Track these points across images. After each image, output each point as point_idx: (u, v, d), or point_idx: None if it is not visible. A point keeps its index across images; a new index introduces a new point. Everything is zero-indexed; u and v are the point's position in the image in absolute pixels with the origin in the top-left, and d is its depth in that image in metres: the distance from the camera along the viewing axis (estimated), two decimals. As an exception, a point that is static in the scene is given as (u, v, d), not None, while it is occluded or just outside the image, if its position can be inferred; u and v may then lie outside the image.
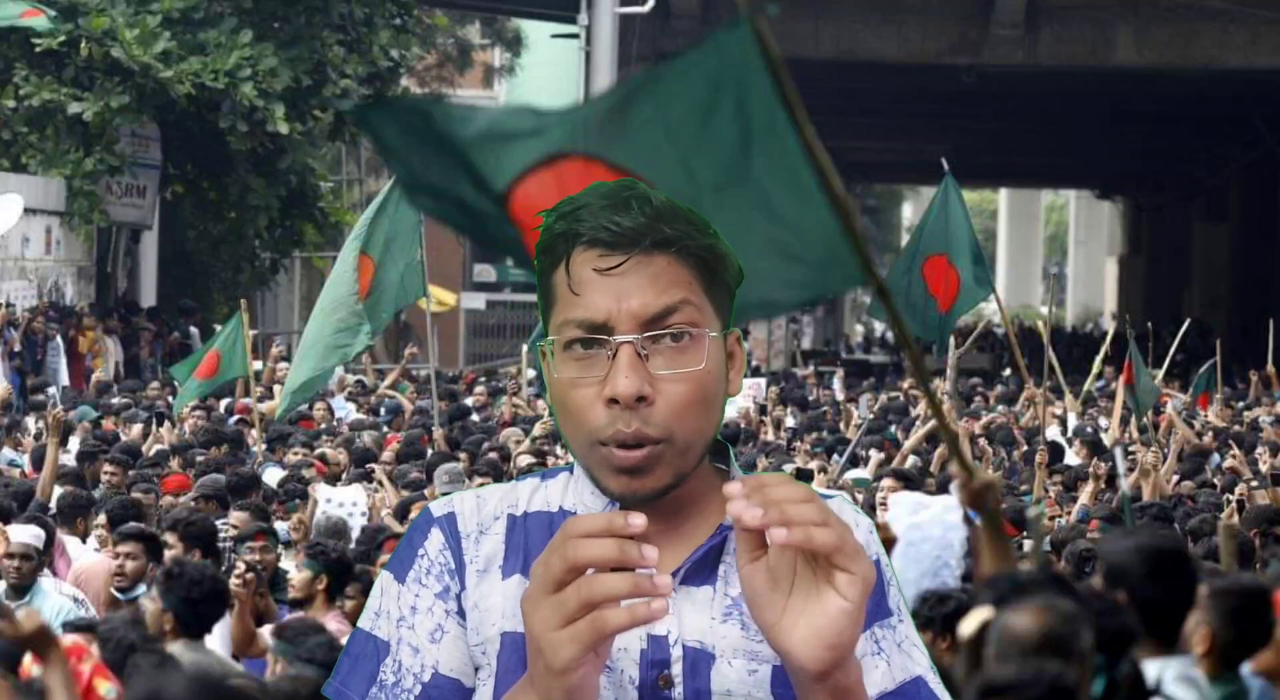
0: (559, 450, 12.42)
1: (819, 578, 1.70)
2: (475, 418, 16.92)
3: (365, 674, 1.95)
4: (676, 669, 1.91)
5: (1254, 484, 11.59)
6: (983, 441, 14.46)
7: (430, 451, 12.77)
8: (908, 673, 1.98)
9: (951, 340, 13.09)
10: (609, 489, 1.92)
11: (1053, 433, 15.11)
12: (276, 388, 15.32)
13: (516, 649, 1.91)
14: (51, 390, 18.60)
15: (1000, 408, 19.52)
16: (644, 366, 1.88)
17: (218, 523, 8.49)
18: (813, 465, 12.01)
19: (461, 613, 1.95)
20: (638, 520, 1.65)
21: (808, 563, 1.71)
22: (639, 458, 1.88)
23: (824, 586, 1.70)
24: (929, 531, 7.05)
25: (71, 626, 6.18)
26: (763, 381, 20.49)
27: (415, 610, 1.95)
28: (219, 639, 6.71)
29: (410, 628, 1.95)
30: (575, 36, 26.94)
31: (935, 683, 2.00)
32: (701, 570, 1.94)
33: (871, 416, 17.50)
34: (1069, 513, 10.93)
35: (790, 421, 17.96)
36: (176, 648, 5.92)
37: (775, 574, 1.71)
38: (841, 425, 16.81)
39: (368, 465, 11.97)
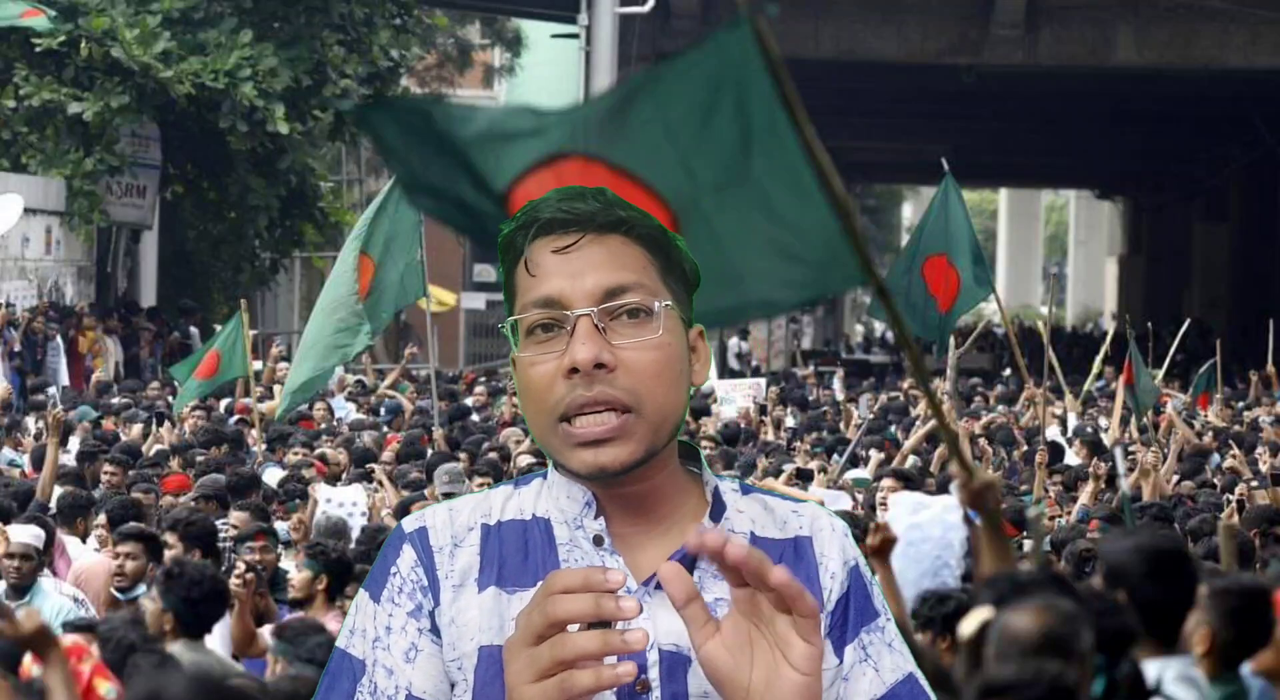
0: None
1: (776, 654, 1.72)
2: (475, 418, 16.93)
3: (342, 693, 1.95)
4: (654, 673, 1.90)
5: (1254, 484, 11.59)
6: (983, 441, 14.46)
7: (430, 451, 12.77)
8: (899, 671, 1.97)
9: (951, 340, 13.07)
10: (575, 469, 1.92)
11: (1053, 433, 15.11)
12: (276, 388, 15.32)
13: (494, 663, 1.90)
14: (51, 390, 18.61)
15: (1000, 408, 19.52)
16: (603, 337, 1.90)
17: (218, 523, 8.49)
18: (813, 465, 12.01)
19: (435, 630, 1.94)
20: (616, 577, 1.66)
21: (763, 635, 1.72)
22: (605, 429, 1.89)
23: (782, 664, 1.72)
24: (929, 531, 7.05)
25: (71, 626, 6.18)
26: (763, 381, 20.50)
27: (390, 630, 1.94)
28: (219, 639, 6.71)
29: (385, 648, 1.94)
30: (575, 36, 26.94)
31: (922, 677, 2.00)
32: None
33: (871, 416, 17.50)
34: (1069, 513, 10.93)
35: (790, 421, 17.95)
36: (176, 648, 5.92)
37: (734, 651, 1.72)
38: (841, 425, 16.80)
39: (368, 465, 11.97)
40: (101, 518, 8.95)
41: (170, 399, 16.00)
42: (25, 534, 7.69)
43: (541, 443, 1.95)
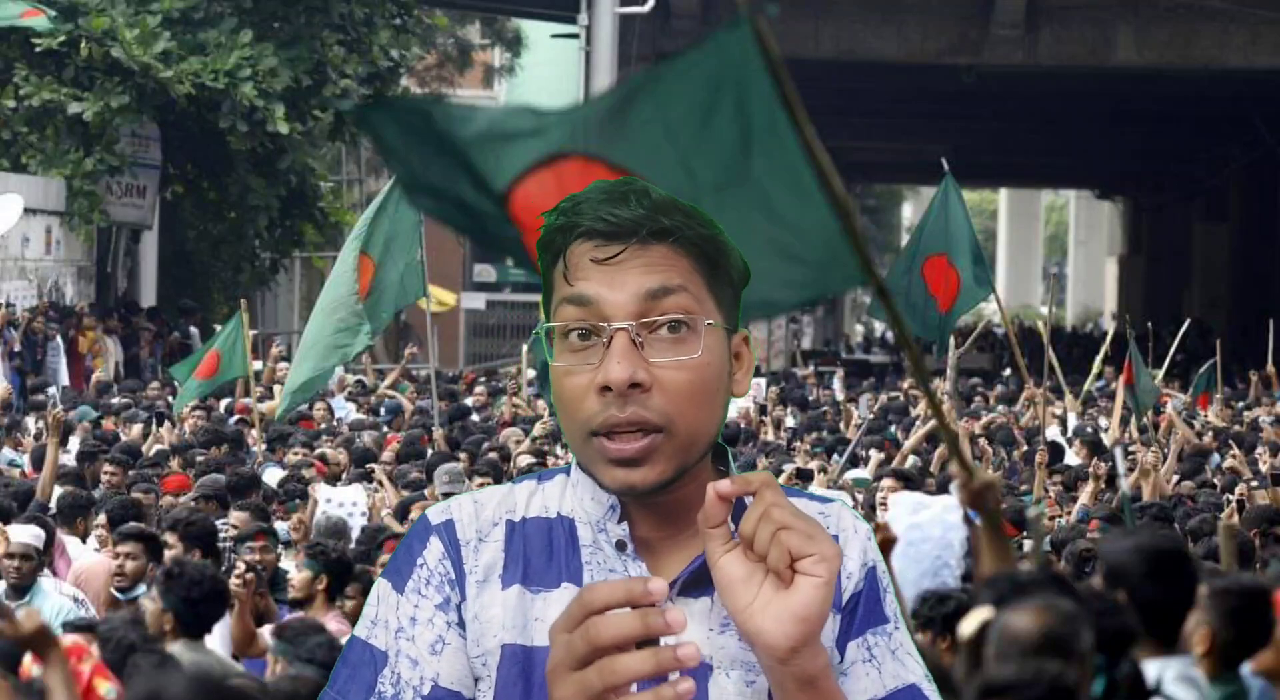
0: (559, 450, 12.42)
1: (783, 592, 1.68)
2: (475, 418, 16.93)
3: (363, 684, 1.92)
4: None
5: (1254, 484, 11.59)
6: (983, 441, 14.46)
7: (430, 451, 12.77)
8: (900, 680, 1.94)
9: (951, 340, 13.08)
10: (605, 484, 1.89)
11: (1053, 433, 15.11)
12: (276, 388, 15.32)
13: (516, 661, 1.89)
14: (51, 390, 18.60)
15: (1000, 408, 19.52)
16: (639, 354, 1.85)
17: (218, 523, 8.49)
18: (813, 465, 12.01)
19: (462, 624, 1.92)
20: (657, 586, 1.58)
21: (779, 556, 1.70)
22: (635, 449, 1.85)
23: (785, 598, 1.68)
24: (929, 531, 7.05)
25: (71, 626, 6.18)
26: (763, 381, 20.50)
27: (415, 621, 1.92)
28: (219, 639, 6.71)
29: (409, 639, 1.91)
30: (575, 36, 26.94)
31: (931, 691, 1.96)
32: (699, 581, 1.90)
33: (871, 416, 17.50)
34: (1069, 513, 10.93)
35: (790, 421, 17.96)
36: (176, 648, 5.92)
37: (749, 563, 1.69)
38: (841, 425, 16.81)
39: (368, 465, 11.98)
40: (101, 518, 8.94)
41: (170, 399, 16.00)
42: (25, 534, 7.69)
43: (574, 451, 1.92)
